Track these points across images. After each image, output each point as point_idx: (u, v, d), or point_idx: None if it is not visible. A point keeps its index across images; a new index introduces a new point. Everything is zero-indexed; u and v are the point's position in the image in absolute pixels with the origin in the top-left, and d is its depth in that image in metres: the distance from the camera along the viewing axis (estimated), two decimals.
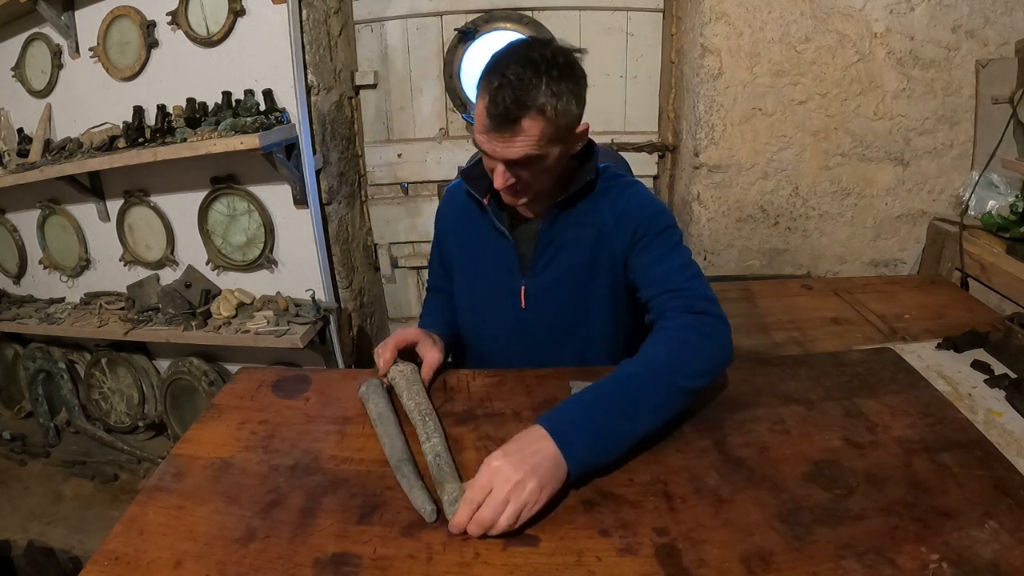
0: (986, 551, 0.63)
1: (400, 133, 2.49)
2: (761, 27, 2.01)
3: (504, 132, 0.92)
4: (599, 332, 1.14)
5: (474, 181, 1.11)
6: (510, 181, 0.97)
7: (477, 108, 0.95)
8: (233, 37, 2.00)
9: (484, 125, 0.93)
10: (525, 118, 0.91)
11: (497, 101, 0.90)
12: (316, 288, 2.18)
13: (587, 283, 1.11)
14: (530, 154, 0.94)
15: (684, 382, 0.83)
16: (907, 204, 2.18)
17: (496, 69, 0.92)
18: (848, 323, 1.67)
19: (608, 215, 1.08)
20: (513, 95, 0.89)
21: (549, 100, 0.91)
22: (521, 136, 0.92)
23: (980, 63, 1.99)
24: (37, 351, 2.60)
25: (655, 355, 0.86)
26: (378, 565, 0.66)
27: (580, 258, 1.09)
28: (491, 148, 0.95)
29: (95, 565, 0.68)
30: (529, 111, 0.90)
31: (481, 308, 1.19)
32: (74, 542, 2.08)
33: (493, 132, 0.93)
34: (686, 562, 0.64)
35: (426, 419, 0.86)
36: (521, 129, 0.91)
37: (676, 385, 0.82)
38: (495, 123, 0.92)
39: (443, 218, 1.26)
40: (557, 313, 1.13)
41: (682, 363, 0.85)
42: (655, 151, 2.44)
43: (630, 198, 1.09)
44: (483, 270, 1.17)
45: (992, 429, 1.16)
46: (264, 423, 0.92)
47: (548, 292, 1.11)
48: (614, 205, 1.08)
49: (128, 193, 2.27)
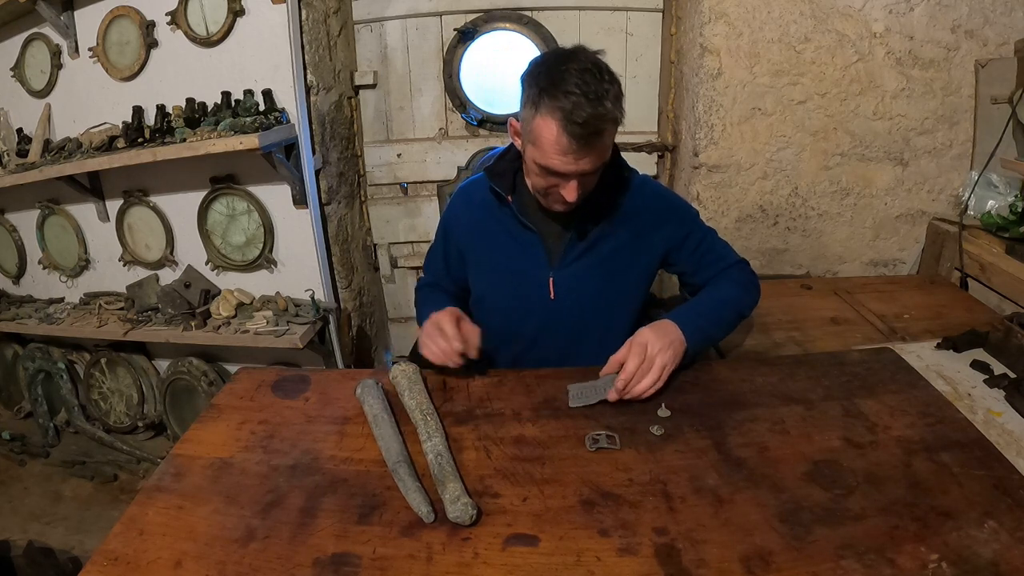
0: (986, 551, 0.63)
1: (399, 133, 2.49)
2: (760, 27, 2.01)
3: (586, 149, 0.95)
4: (622, 321, 1.20)
5: (498, 178, 1.15)
6: (579, 192, 1.01)
7: (542, 130, 0.95)
8: (232, 37, 2.00)
9: (562, 147, 0.95)
10: (605, 131, 0.96)
11: (576, 121, 0.92)
12: (315, 288, 2.18)
13: (617, 273, 1.17)
14: (605, 161, 1.01)
15: (745, 311, 1.20)
16: (907, 204, 2.18)
17: (559, 87, 0.93)
18: (848, 323, 1.66)
19: (640, 207, 1.16)
20: (592, 111, 0.92)
21: (616, 106, 0.97)
22: (599, 148, 0.97)
23: (979, 63, 1.99)
24: (36, 351, 2.59)
25: (732, 291, 1.18)
26: (378, 565, 0.66)
27: (611, 249, 1.15)
28: (570, 167, 0.97)
29: (95, 565, 0.68)
30: (607, 123, 0.96)
31: (508, 302, 1.22)
32: (74, 542, 2.08)
33: (576, 152, 0.95)
34: (686, 562, 0.64)
35: (427, 418, 0.86)
36: (603, 142, 0.97)
37: (741, 313, 1.19)
38: (580, 143, 0.94)
39: (457, 223, 1.26)
40: (587, 303, 1.18)
41: (745, 299, 1.20)
42: (654, 151, 2.44)
43: (652, 191, 1.20)
44: (508, 265, 1.19)
45: (991, 429, 1.16)
46: (264, 423, 0.92)
47: (579, 282, 1.16)
48: (642, 198, 1.17)
49: (128, 193, 2.27)
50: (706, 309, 1.12)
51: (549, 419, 0.90)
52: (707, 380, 0.99)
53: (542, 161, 0.98)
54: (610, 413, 0.91)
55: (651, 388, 0.94)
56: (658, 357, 0.95)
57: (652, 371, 0.94)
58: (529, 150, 1.02)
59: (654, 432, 0.86)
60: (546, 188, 1.04)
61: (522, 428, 0.88)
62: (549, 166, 0.97)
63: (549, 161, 0.97)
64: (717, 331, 1.14)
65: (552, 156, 0.96)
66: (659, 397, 0.93)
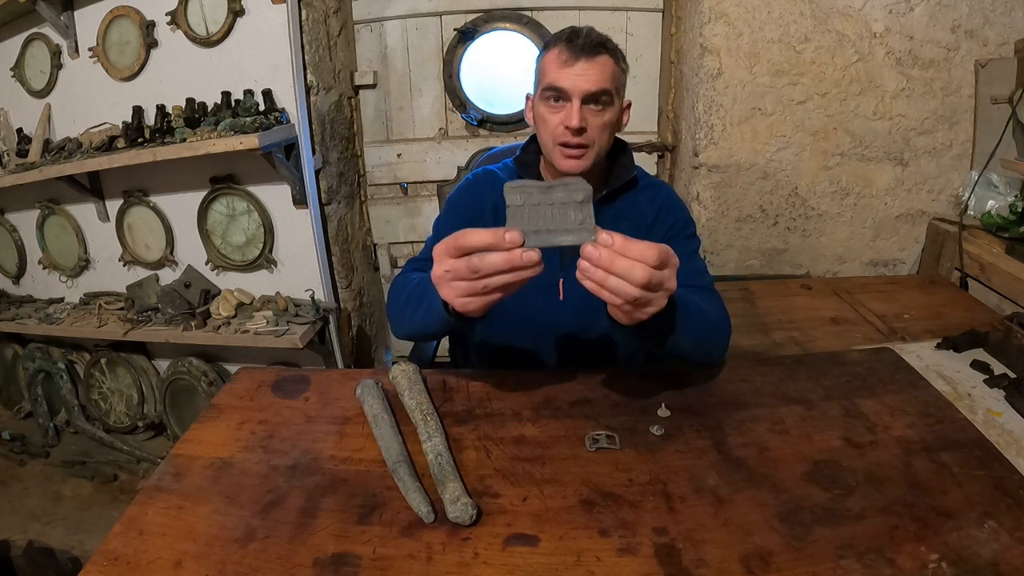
0: (986, 551, 0.63)
1: (399, 133, 2.49)
2: (760, 27, 2.01)
3: (584, 60, 1.00)
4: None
5: (526, 169, 1.16)
6: (583, 123, 1.01)
7: (547, 58, 1.04)
8: (232, 37, 2.00)
9: (563, 60, 1.01)
10: (601, 54, 1.01)
11: (577, 37, 1.01)
12: (315, 288, 2.18)
13: None
14: (606, 88, 1.01)
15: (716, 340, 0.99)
16: (906, 204, 2.18)
17: (565, 30, 1.04)
18: (847, 323, 1.67)
19: (648, 211, 1.14)
20: (591, 32, 1.02)
21: (616, 49, 1.04)
22: (599, 67, 1.01)
23: (979, 63, 1.99)
24: (36, 351, 2.59)
25: (714, 310, 1.00)
26: (378, 565, 0.66)
27: None
28: (570, 80, 1.00)
29: (94, 565, 0.67)
30: (605, 47, 1.02)
31: (514, 299, 1.15)
32: (74, 542, 2.08)
33: (573, 62, 1.00)
34: (686, 562, 0.64)
35: (427, 418, 0.86)
36: (599, 61, 1.01)
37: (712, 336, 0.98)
38: (577, 52, 1.00)
39: (481, 206, 1.17)
40: (594, 304, 1.13)
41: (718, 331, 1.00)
42: (654, 151, 2.44)
43: (666, 197, 1.18)
44: None
45: (991, 429, 1.16)
46: (264, 423, 0.92)
47: None
48: (652, 201, 1.15)
49: (127, 193, 2.27)
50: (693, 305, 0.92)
51: (549, 419, 0.90)
52: (707, 380, 0.99)
53: (545, 81, 1.03)
54: (610, 413, 0.91)
55: (636, 301, 0.72)
56: (670, 281, 0.74)
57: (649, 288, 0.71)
58: (537, 95, 1.07)
59: (654, 432, 0.86)
60: (554, 129, 1.03)
61: (522, 428, 0.88)
62: (551, 83, 1.02)
63: (551, 78, 1.02)
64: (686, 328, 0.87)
65: (553, 71, 1.02)
66: (659, 397, 0.93)
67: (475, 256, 0.71)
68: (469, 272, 0.72)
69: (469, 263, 0.71)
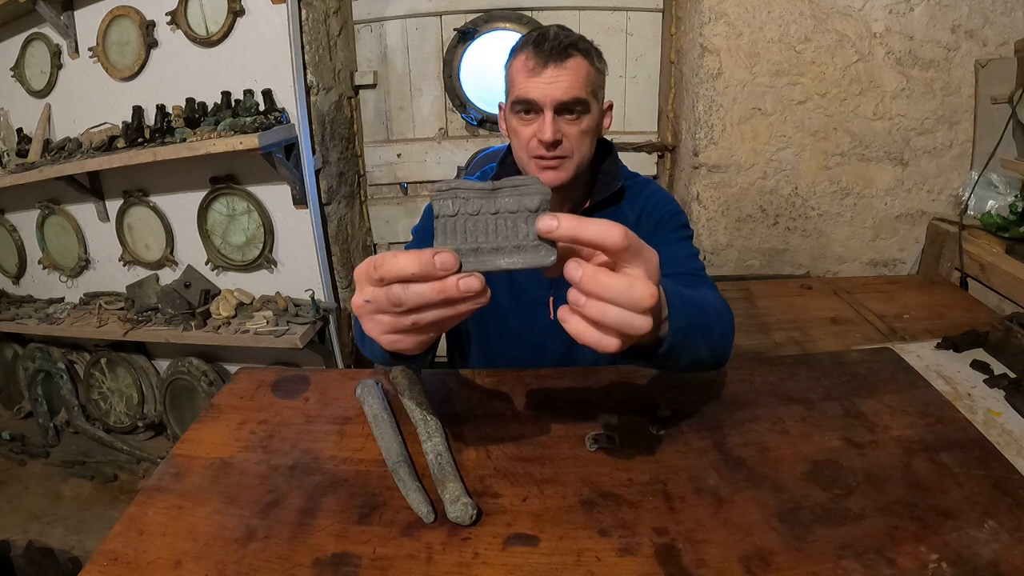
0: (986, 551, 0.63)
1: (399, 133, 2.49)
2: (760, 27, 2.01)
3: (553, 66, 0.93)
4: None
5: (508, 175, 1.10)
6: (557, 135, 0.94)
7: (515, 65, 0.96)
8: (232, 37, 2.00)
9: (529, 68, 0.94)
10: (572, 57, 0.93)
11: (544, 40, 0.93)
12: (315, 288, 2.18)
13: None
14: (578, 96, 0.94)
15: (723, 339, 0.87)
16: (906, 204, 2.18)
17: (531, 32, 0.97)
18: (848, 323, 1.67)
19: (630, 214, 1.08)
20: (559, 34, 0.94)
21: (590, 47, 0.97)
22: (569, 73, 0.93)
23: (979, 63, 1.99)
24: (36, 351, 2.59)
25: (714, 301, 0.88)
26: (378, 565, 0.66)
27: None
28: (540, 90, 0.93)
29: (94, 565, 0.67)
30: (576, 48, 0.94)
31: (503, 313, 1.11)
32: (73, 542, 2.08)
33: (541, 69, 0.93)
34: (686, 562, 0.64)
35: (427, 418, 0.86)
36: (570, 66, 0.93)
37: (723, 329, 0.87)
38: (544, 57, 0.93)
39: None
40: None
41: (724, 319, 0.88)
42: (654, 151, 2.44)
43: (649, 197, 1.09)
44: (507, 277, 1.09)
45: (991, 429, 1.16)
46: (263, 423, 0.92)
47: None
48: (634, 205, 1.08)
49: (127, 193, 2.27)
50: (695, 302, 0.78)
51: (549, 419, 0.90)
52: (707, 380, 0.98)
53: (515, 94, 0.96)
54: (610, 413, 0.91)
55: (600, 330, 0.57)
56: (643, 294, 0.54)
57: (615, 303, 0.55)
58: (508, 106, 1.00)
59: (654, 432, 0.86)
60: (527, 142, 0.97)
61: (522, 428, 0.88)
62: (521, 95, 0.95)
63: (519, 90, 0.95)
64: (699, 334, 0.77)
65: (522, 82, 0.94)
66: (659, 397, 0.93)
67: (396, 286, 0.53)
68: (391, 305, 0.54)
69: (389, 294, 0.53)
